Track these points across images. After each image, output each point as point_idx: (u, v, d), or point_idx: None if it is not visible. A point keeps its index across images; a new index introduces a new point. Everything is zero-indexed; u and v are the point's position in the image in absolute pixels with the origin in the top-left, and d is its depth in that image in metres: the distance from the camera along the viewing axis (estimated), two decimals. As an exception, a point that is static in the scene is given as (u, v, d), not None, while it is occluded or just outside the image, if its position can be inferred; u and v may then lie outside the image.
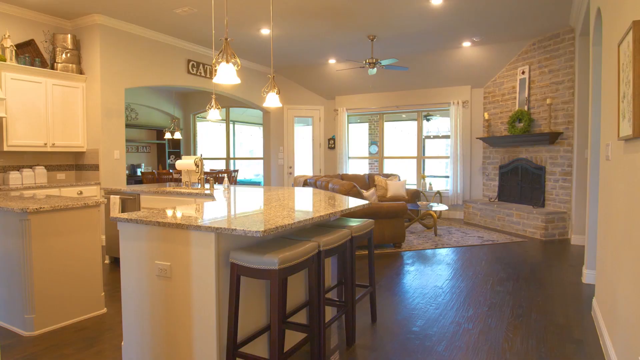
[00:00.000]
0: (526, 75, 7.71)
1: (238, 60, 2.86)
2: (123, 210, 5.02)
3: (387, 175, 8.88)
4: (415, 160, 9.89)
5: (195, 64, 7.77)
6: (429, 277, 4.70)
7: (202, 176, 4.97)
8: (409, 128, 11.42)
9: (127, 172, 9.96)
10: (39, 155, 6.27)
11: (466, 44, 7.82)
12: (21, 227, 3.12)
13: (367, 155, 11.66)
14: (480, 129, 8.90)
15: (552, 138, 7.03)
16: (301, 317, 3.04)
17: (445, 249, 6.10)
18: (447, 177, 10.43)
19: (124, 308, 2.60)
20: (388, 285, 4.43)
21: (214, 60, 2.83)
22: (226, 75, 2.87)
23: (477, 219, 8.35)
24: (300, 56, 8.59)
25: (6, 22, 5.84)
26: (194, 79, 7.78)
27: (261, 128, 13.34)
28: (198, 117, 11.83)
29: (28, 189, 5.55)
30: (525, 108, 7.65)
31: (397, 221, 5.93)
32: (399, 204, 5.89)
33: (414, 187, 9.68)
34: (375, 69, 7.45)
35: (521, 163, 7.84)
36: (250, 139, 13.46)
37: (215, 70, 2.90)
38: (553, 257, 5.63)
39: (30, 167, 6.16)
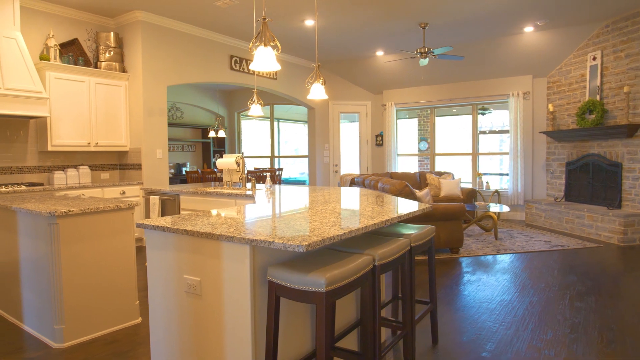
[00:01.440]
0: (598, 62, 6.90)
1: (278, 43, 2.49)
2: (163, 211, 4.81)
3: (440, 174, 8.30)
4: (469, 157, 9.22)
5: (238, 59, 7.54)
6: (494, 289, 4.16)
7: (244, 175, 4.67)
8: (461, 123, 10.74)
9: (172, 171, 9.93)
10: (83, 154, 6.23)
11: (528, 29, 7.12)
12: (49, 232, 2.91)
13: (416, 152, 11.07)
14: (544, 122, 8.13)
15: (631, 130, 6.22)
16: (351, 340, 2.64)
17: (509, 255, 5.50)
18: (505, 174, 9.68)
19: (151, 325, 2.30)
20: (447, 297, 3.94)
21: (251, 44, 2.48)
22: (264, 60, 2.52)
23: (541, 221, 7.61)
24: (346, 49, 8.17)
25: (50, 21, 5.80)
26: (236, 75, 7.55)
27: (306, 125, 13.05)
28: (242, 115, 11.68)
29: (72, 189, 5.48)
30: (597, 98, 6.85)
31: (454, 224, 5.39)
32: (457, 205, 5.35)
33: (469, 186, 9.02)
34: (427, 59, 6.91)
35: (592, 159, 7.04)
36: (295, 137, 13.19)
37: (253, 56, 2.54)
38: (637, 266, 4.91)
39: (75, 167, 6.12)
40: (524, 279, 4.46)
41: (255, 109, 4.89)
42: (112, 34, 6.18)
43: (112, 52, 6.18)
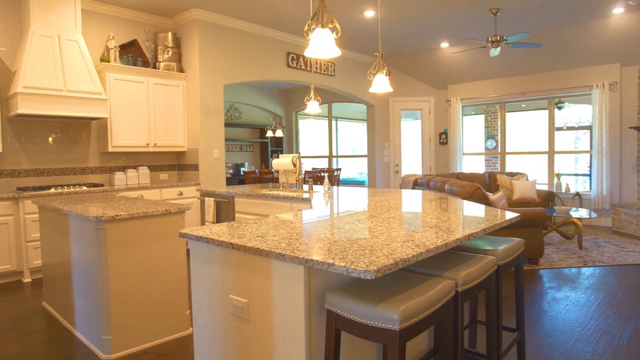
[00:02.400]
0: None
1: (337, 25, 2.15)
2: (217, 213, 4.64)
3: (512, 174, 7.60)
4: (544, 156, 8.41)
5: (295, 56, 7.30)
6: (586, 310, 3.57)
7: (301, 177, 4.38)
8: (533, 119, 9.88)
9: (231, 171, 9.92)
10: (143, 155, 6.25)
11: (617, 10, 6.29)
12: (97, 237, 2.77)
13: (482, 151, 10.33)
14: (634, 116, 7.20)
15: None
16: (423, 370, 2.25)
17: (598, 268, 4.81)
18: (584, 175, 8.76)
19: (195, 348, 2.05)
20: (531, 318, 3.42)
21: (307, 27, 2.17)
22: (322, 44, 2.19)
23: (632, 229, 6.73)
24: (407, 42, 7.69)
25: (110, 23, 5.85)
26: (294, 73, 7.32)
27: (365, 124, 12.64)
28: (300, 114, 11.50)
29: (131, 189, 5.47)
30: None
31: (532, 231, 4.80)
32: (537, 210, 4.76)
33: (546, 188, 8.22)
34: (498, 48, 6.29)
35: (698, 158, 6.09)
36: (353, 136, 12.83)
37: (309, 41, 2.22)
38: None
39: (135, 167, 6.15)
40: (620, 299, 3.82)
41: (313, 105, 4.60)
42: (169, 34, 6.14)
43: (170, 52, 6.15)
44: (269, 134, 9.43)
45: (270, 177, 8.17)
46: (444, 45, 7.97)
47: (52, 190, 4.87)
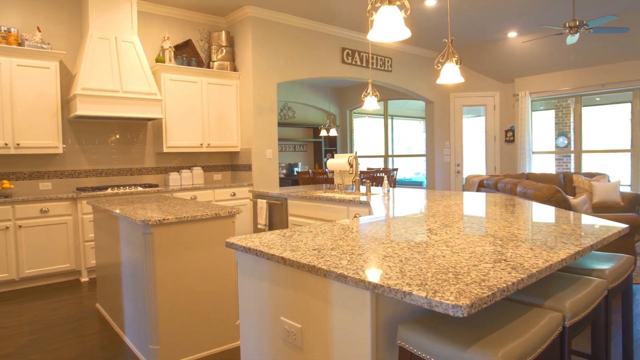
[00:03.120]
0: None
1: (406, 2, 1.84)
2: (270, 216, 4.45)
3: (591, 175, 6.87)
4: (628, 154, 7.56)
5: (350, 52, 7.01)
6: (700, 336, 3.01)
7: (357, 178, 4.09)
8: (612, 113, 8.96)
9: (284, 171, 9.79)
10: (197, 155, 6.21)
11: None
12: (144, 242, 2.62)
13: (552, 149, 9.52)
14: None
15: None
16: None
17: None
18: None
19: (244, 372, 1.82)
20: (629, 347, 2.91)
21: (369, 6, 1.86)
22: (388, 25, 1.88)
23: None
24: (470, 33, 7.17)
25: (165, 24, 5.84)
26: (349, 69, 7.03)
27: (421, 122, 12.11)
28: (354, 112, 11.19)
29: (185, 190, 5.42)
30: None
31: (623, 241, 4.20)
32: (628, 216, 4.16)
33: (629, 190, 7.39)
34: (577, 35, 5.66)
35: None
36: (408, 135, 12.34)
37: (372, 22, 1.92)
38: None
39: (189, 168, 6.12)
40: None
41: (371, 102, 4.29)
42: (223, 32, 6.05)
43: (223, 52, 6.06)
44: (323, 133, 9.20)
45: (325, 178, 7.93)
46: (512, 34, 7.37)
47: (109, 190, 4.89)
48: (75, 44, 5.23)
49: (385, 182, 3.86)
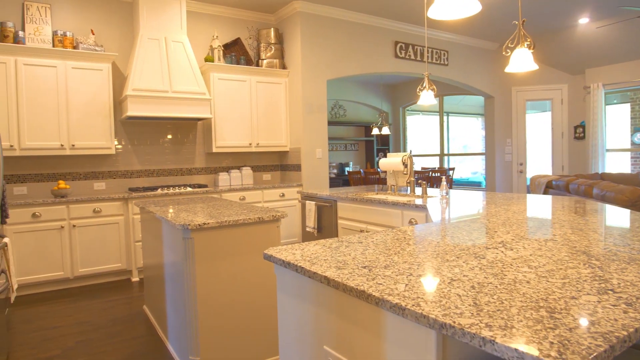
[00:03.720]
0: None
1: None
2: (319, 219, 4.23)
3: (678, 174, 6.11)
4: None
5: (403, 45, 6.66)
6: None
7: (412, 179, 3.78)
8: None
9: (335, 171, 9.58)
10: (246, 155, 6.12)
11: None
12: (184, 247, 2.48)
13: (628, 146, 8.64)
14: None
15: None
16: None
17: None
18: None
19: (284, 401, 1.60)
20: None
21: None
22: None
23: None
24: (535, 20, 6.60)
25: (214, 23, 5.79)
26: (402, 64, 6.69)
27: (479, 119, 11.48)
28: (407, 110, 10.77)
29: (233, 191, 5.33)
30: None
31: None
32: None
33: None
34: (664, 17, 5.01)
35: None
36: (464, 132, 11.72)
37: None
38: None
39: (238, 168, 6.04)
40: None
41: (427, 96, 3.96)
42: (272, 29, 5.92)
43: (272, 49, 5.92)
44: (375, 131, 8.89)
45: (377, 178, 7.63)
46: (583, 20, 6.71)
47: (159, 191, 4.88)
48: (127, 45, 5.27)
49: (444, 183, 3.53)
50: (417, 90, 4.03)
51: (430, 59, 7.01)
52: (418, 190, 3.95)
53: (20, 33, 4.51)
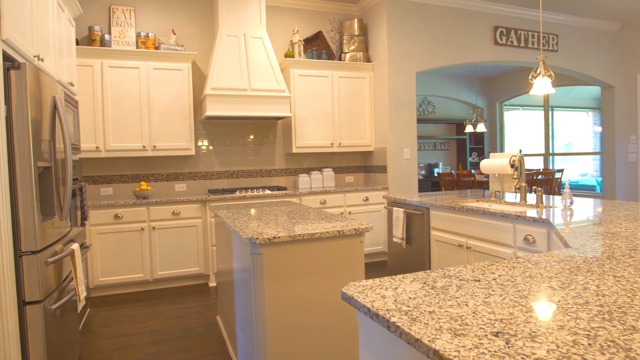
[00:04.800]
0: None
1: None
2: (408, 228, 3.72)
3: None
4: None
5: (504, 30, 5.88)
6: None
7: (524, 184, 3.13)
8: None
9: (423, 172, 8.92)
10: (328, 156, 5.75)
11: None
12: (252, 263, 2.13)
13: None
14: None
15: None
16: None
17: None
18: None
19: None
20: None
21: None
22: None
23: None
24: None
25: (294, 17, 5.49)
26: (502, 51, 5.90)
27: (589, 113, 10.12)
28: (505, 104, 9.75)
29: (314, 194, 4.98)
30: None
31: None
32: None
33: None
34: None
35: None
36: (568, 129, 10.35)
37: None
38: None
39: (319, 169, 5.70)
40: None
41: (542, 84, 3.27)
42: (355, 20, 5.49)
43: (355, 42, 5.49)
44: (468, 128, 8.08)
45: (471, 181, 6.87)
46: None
47: (237, 193, 4.67)
48: (207, 44, 5.16)
49: (567, 191, 2.84)
50: (530, 78, 3.35)
51: (535, 44, 6.13)
52: (530, 198, 3.28)
53: (107, 36, 4.54)
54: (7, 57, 2.17)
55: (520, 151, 3.28)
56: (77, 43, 4.54)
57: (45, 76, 2.41)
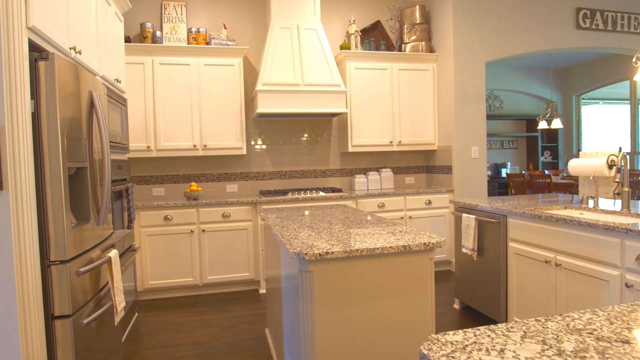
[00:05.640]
0: None
1: None
2: (480, 239, 3.25)
3: None
4: None
5: (588, 12, 5.18)
6: None
7: (627, 189, 2.59)
8: None
9: (489, 172, 8.26)
10: (386, 155, 5.34)
11: None
12: (300, 281, 1.81)
13: None
14: None
15: None
16: None
17: None
18: None
19: None
20: None
21: None
22: None
23: None
24: None
25: (350, 6, 5.13)
26: (586, 36, 5.21)
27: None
28: (583, 98, 8.83)
29: (371, 196, 4.61)
30: None
31: None
32: None
33: None
34: None
35: None
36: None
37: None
38: None
39: (377, 170, 5.31)
40: None
41: (651, 67, 2.70)
42: (417, 7, 5.04)
43: (417, 31, 5.05)
44: (542, 125, 7.33)
45: (546, 183, 6.19)
46: None
47: (289, 195, 4.40)
48: (259, 38, 4.93)
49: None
50: (633, 60, 2.78)
51: (626, 27, 5.36)
52: (633, 206, 2.72)
53: (158, 33, 4.42)
54: (35, 47, 1.99)
55: (621, 149, 2.73)
56: (129, 40, 4.45)
57: (83, 70, 2.23)
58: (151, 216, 4.12)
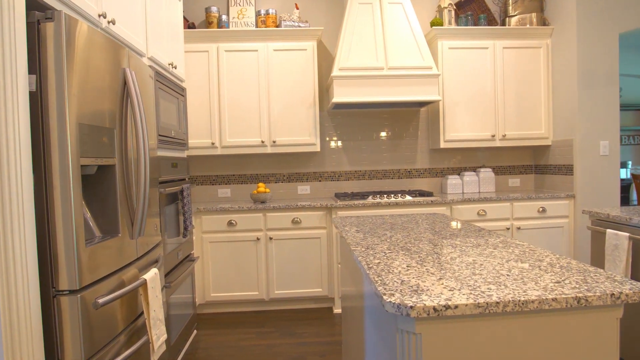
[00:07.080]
0: None
1: None
2: (635, 266, 2.36)
3: None
4: None
5: None
6: None
7: None
8: None
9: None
10: (485, 152, 4.49)
11: None
12: (400, 346, 1.14)
13: None
14: None
15: None
16: None
17: None
18: None
19: None
20: None
21: None
22: None
23: None
24: None
25: (446, -27, 4.34)
26: None
27: None
28: None
29: (467, 201, 3.80)
30: None
31: None
32: None
33: None
34: None
35: None
36: None
37: None
38: None
39: (473, 169, 4.47)
40: None
41: None
42: (528, -29, 4.13)
43: (525, 0, 4.14)
44: (678, 115, 5.98)
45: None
46: None
47: (370, 199, 3.73)
48: (336, 18, 4.31)
49: None
50: None
51: None
52: None
53: (224, 17, 3.97)
54: (39, 5, 1.50)
55: None
56: (194, 27, 4.05)
57: (114, 43, 1.74)
58: (214, 220, 3.66)
